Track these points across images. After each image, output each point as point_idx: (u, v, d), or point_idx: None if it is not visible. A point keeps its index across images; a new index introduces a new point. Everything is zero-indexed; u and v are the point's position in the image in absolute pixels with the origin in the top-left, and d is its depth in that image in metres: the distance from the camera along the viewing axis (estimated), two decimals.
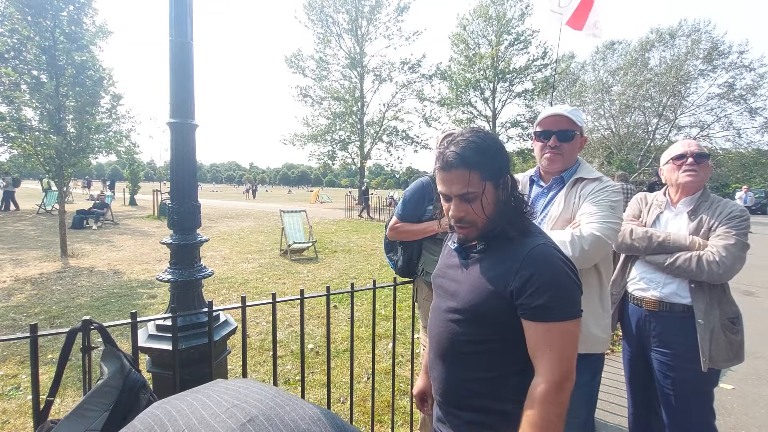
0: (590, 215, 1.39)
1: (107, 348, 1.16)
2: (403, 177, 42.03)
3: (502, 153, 1.00)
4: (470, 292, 1.00)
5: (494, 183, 0.98)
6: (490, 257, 1.01)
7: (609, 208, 1.40)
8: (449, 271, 1.12)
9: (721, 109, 20.49)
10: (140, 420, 0.46)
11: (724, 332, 1.64)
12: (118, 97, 8.00)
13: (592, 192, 1.45)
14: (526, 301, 0.91)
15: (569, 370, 0.91)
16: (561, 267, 0.93)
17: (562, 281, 0.92)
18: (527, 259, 0.93)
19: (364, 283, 6.01)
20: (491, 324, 0.97)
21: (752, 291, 6.01)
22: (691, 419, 1.70)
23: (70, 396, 2.76)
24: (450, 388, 1.06)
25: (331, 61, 26.72)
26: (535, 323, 0.91)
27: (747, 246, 1.64)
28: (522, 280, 0.92)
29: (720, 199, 1.75)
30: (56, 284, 5.56)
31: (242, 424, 0.40)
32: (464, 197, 0.98)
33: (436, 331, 1.10)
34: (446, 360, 1.06)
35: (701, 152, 1.76)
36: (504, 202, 1.00)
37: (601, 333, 1.47)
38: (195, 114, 1.57)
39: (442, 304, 1.10)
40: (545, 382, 0.89)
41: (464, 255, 1.08)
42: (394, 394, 2.23)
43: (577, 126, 1.52)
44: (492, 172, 0.97)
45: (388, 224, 2.23)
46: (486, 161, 0.95)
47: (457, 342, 1.02)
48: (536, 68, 25.06)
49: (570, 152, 1.54)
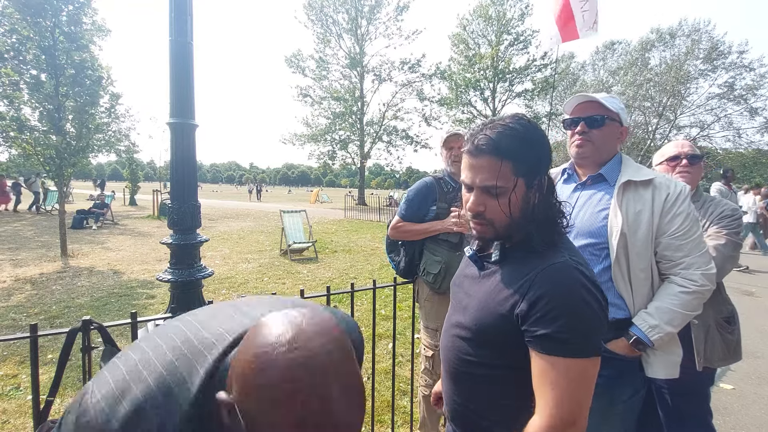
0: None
1: (107, 348, 1.16)
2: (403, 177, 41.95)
3: (545, 148, 0.85)
4: (478, 310, 0.88)
5: (527, 181, 0.84)
6: (505, 271, 0.87)
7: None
8: (465, 281, 1.01)
9: (721, 109, 20.51)
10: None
11: (719, 331, 1.64)
12: (117, 96, 8.00)
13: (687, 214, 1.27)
14: (531, 328, 0.77)
15: (576, 415, 0.75)
16: (578, 291, 0.77)
17: (577, 308, 0.76)
18: (540, 277, 0.79)
19: (364, 283, 6.01)
20: (499, 348, 0.85)
21: (752, 291, 6.01)
22: (688, 418, 1.70)
23: (70, 396, 2.76)
24: (457, 408, 0.97)
25: (330, 60, 26.76)
26: (540, 355, 0.77)
27: (739, 245, 1.64)
28: (529, 303, 0.77)
29: (712, 199, 1.77)
30: (56, 284, 5.56)
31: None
32: (488, 190, 0.84)
33: (444, 345, 1.01)
34: (454, 379, 0.96)
35: (694, 153, 1.77)
36: (535, 206, 0.84)
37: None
38: (195, 114, 1.57)
39: (453, 317, 1.00)
40: (542, 423, 0.76)
41: (480, 265, 0.96)
42: (394, 394, 2.23)
43: (610, 111, 1.34)
44: (528, 167, 0.83)
45: (391, 224, 2.23)
46: (523, 153, 0.82)
47: (464, 362, 0.92)
48: (536, 68, 25.07)
49: (602, 140, 1.36)
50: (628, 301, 1.30)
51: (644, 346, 1.26)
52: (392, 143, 27.54)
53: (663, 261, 1.29)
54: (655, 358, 1.30)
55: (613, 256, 1.27)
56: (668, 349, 1.32)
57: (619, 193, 1.31)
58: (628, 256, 1.28)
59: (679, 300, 1.24)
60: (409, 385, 2.39)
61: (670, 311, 1.23)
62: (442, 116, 27.32)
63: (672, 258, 1.27)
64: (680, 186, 1.31)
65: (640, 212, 1.28)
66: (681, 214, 1.27)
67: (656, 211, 1.27)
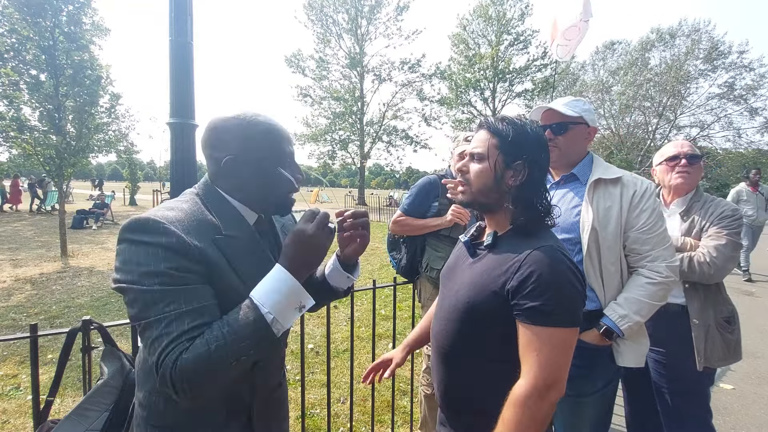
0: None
1: (107, 348, 1.16)
2: (403, 177, 42.03)
3: (533, 142, 0.98)
4: (470, 289, 0.98)
5: (506, 159, 0.97)
6: (496, 255, 0.98)
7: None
8: (456, 268, 1.10)
9: (721, 109, 20.49)
10: None
11: (719, 331, 1.64)
12: (117, 96, 8.00)
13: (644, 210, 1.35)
14: (521, 302, 0.87)
15: (557, 378, 0.85)
16: (564, 271, 0.88)
17: (562, 285, 0.87)
18: (529, 258, 0.89)
19: (364, 283, 6.01)
20: (489, 325, 0.94)
21: (752, 291, 6.01)
22: (688, 418, 1.70)
23: (70, 396, 2.76)
24: (449, 390, 1.04)
25: (330, 60, 26.76)
26: (526, 326, 0.87)
27: (739, 245, 1.64)
28: (520, 279, 0.88)
29: (713, 199, 1.76)
30: (56, 284, 5.56)
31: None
32: (473, 156, 1.02)
33: (436, 329, 1.08)
34: (446, 361, 1.03)
35: (694, 153, 1.77)
36: (512, 186, 0.97)
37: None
38: (195, 114, 1.57)
39: (445, 302, 1.07)
40: (527, 384, 0.85)
41: (472, 251, 1.07)
42: (394, 394, 2.24)
43: (572, 117, 1.43)
44: (511, 148, 0.97)
45: (392, 218, 2.24)
46: (512, 137, 0.97)
47: (456, 342, 1.00)
48: (536, 68, 25.08)
49: (567, 145, 1.46)
50: (599, 293, 1.38)
51: (614, 336, 1.33)
52: (392, 143, 27.55)
53: (631, 254, 1.37)
54: (625, 347, 1.37)
55: (584, 249, 1.35)
56: (637, 339, 1.39)
57: (590, 191, 1.39)
58: (600, 250, 1.35)
59: (645, 291, 1.31)
60: (409, 385, 2.39)
61: (637, 301, 1.31)
62: (442, 116, 27.36)
63: (639, 251, 1.35)
64: (646, 183, 1.40)
65: (610, 208, 1.36)
66: (647, 209, 1.35)
67: (624, 206, 1.36)
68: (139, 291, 0.72)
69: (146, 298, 0.72)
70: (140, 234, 0.75)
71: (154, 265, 0.73)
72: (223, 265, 0.81)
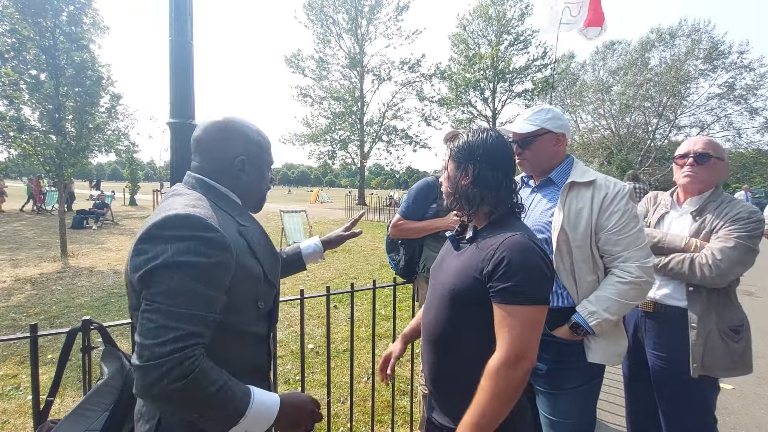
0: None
1: (107, 348, 1.16)
2: (403, 177, 42.04)
3: (479, 146, 1.09)
4: (455, 276, 1.07)
5: (457, 165, 1.12)
6: (476, 245, 1.08)
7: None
8: (443, 262, 1.20)
9: (721, 109, 20.51)
10: None
11: (723, 339, 1.55)
12: (118, 96, 7.99)
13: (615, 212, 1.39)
14: (495, 284, 0.96)
15: (527, 350, 0.94)
16: (533, 255, 0.97)
17: (530, 267, 0.96)
18: (502, 245, 0.99)
19: (364, 283, 6.01)
20: (473, 308, 1.03)
21: (752, 291, 6.01)
22: (688, 422, 1.67)
23: (70, 396, 2.76)
24: (438, 374, 1.12)
25: (330, 60, 26.76)
26: (500, 305, 0.96)
27: (750, 249, 1.52)
28: (493, 264, 0.97)
29: (731, 200, 1.64)
30: (56, 284, 5.56)
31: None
32: (443, 166, 1.22)
33: (427, 320, 1.16)
34: (434, 345, 1.12)
35: (704, 152, 1.65)
36: (468, 186, 1.09)
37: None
38: (195, 114, 1.57)
39: (434, 292, 1.17)
40: (500, 356, 0.94)
41: (456, 245, 1.18)
42: (394, 394, 2.24)
43: (532, 131, 1.47)
44: (460, 154, 1.11)
45: (391, 222, 2.24)
46: (459, 145, 1.12)
47: (444, 328, 1.09)
48: (536, 68, 25.08)
49: (535, 156, 1.51)
50: (572, 291, 1.42)
51: (583, 331, 1.36)
52: (392, 143, 27.54)
53: (605, 255, 1.41)
54: (596, 344, 1.40)
55: (554, 248, 1.40)
56: (613, 339, 1.42)
57: (563, 193, 1.45)
58: (570, 250, 1.40)
59: (615, 289, 1.35)
60: (409, 385, 2.39)
61: (607, 299, 1.35)
62: (442, 116, 27.35)
63: (611, 252, 1.39)
64: (619, 186, 1.42)
65: (581, 210, 1.41)
66: (617, 211, 1.38)
67: (595, 208, 1.40)
68: (169, 278, 0.75)
69: (175, 287, 0.75)
70: (183, 230, 0.79)
71: (194, 256, 0.78)
72: (247, 252, 0.93)
